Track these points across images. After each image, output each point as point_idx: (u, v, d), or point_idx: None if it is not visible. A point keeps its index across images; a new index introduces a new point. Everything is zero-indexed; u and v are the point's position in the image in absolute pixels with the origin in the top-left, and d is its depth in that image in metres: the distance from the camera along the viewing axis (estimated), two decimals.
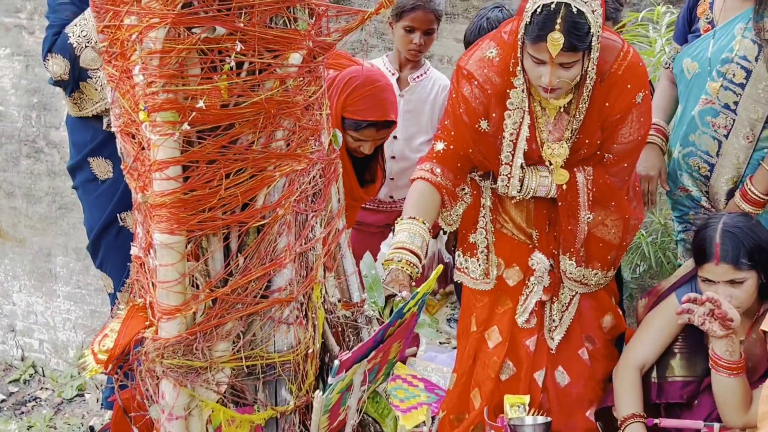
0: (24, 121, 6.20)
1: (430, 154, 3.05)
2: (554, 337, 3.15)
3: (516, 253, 3.13)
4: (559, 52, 2.65)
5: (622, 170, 3.00)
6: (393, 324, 2.18)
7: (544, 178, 2.96)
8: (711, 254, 2.91)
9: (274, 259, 2.06)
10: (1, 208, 6.50)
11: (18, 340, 6.73)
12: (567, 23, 2.63)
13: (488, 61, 2.91)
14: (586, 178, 2.95)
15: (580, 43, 2.67)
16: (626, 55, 2.88)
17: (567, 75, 2.74)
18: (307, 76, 2.10)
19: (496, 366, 3.15)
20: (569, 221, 3.00)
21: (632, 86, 2.88)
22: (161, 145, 1.94)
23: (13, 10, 6.09)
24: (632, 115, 2.90)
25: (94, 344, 2.16)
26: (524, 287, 3.12)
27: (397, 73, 4.04)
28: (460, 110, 2.94)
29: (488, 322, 3.18)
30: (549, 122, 2.93)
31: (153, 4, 1.88)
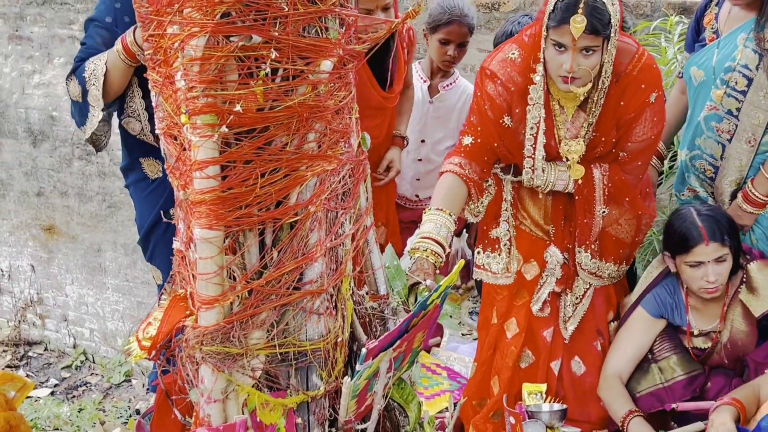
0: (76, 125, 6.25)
1: (458, 149, 3.05)
2: (568, 328, 3.13)
3: (533, 249, 3.13)
4: (581, 35, 2.66)
5: (637, 168, 2.99)
6: (417, 315, 2.18)
7: (562, 172, 2.96)
8: (699, 237, 2.92)
9: (306, 253, 2.06)
10: (55, 206, 6.57)
11: (70, 329, 6.80)
12: (589, 7, 2.66)
13: (511, 62, 2.93)
14: (602, 174, 2.95)
15: (601, 26, 2.68)
16: (641, 57, 2.87)
17: (587, 62, 2.73)
18: (338, 82, 2.10)
19: (513, 355, 3.14)
20: (585, 215, 3.00)
21: (646, 86, 2.87)
22: (201, 146, 1.94)
23: (67, 23, 6.15)
24: (646, 114, 2.89)
25: (139, 332, 2.17)
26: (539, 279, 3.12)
27: (429, 81, 4.03)
28: (486, 107, 2.94)
29: (507, 314, 3.17)
30: (567, 120, 2.92)
31: (194, 14, 1.88)
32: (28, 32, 6.32)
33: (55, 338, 6.87)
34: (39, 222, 6.69)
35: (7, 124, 6.58)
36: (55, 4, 6.13)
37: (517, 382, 3.13)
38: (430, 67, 4.03)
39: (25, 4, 6.25)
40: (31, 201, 6.66)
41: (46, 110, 6.39)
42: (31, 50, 6.36)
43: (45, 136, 6.44)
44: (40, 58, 6.34)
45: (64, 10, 6.13)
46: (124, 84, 3.10)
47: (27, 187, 6.65)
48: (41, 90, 6.38)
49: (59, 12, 6.15)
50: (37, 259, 6.79)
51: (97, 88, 3.04)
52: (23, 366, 6.67)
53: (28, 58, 6.38)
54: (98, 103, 3.08)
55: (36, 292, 6.86)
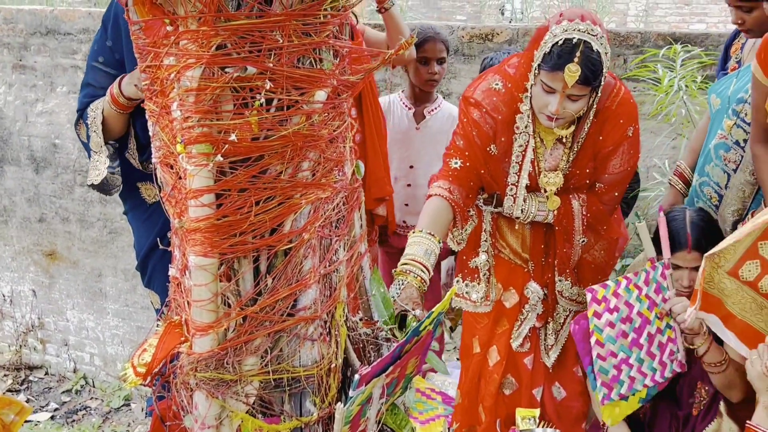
0: (78, 152, 6.26)
1: (445, 172, 2.99)
2: (551, 356, 3.12)
3: (512, 277, 3.12)
4: (573, 84, 2.64)
5: (613, 198, 3.00)
6: (410, 341, 2.17)
7: (542, 203, 2.95)
8: (684, 243, 2.90)
9: (300, 280, 2.05)
10: (56, 232, 6.56)
11: (71, 354, 6.77)
12: (585, 58, 2.63)
13: (495, 92, 2.91)
14: (581, 204, 2.95)
15: (594, 78, 2.67)
16: (618, 92, 2.88)
17: (572, 107, 2.73)
18: (332, 112, 2.11)
19: (495, 383, 3.14)
20: (565, 245, 3.00)
21: (624, 121, 2.87)
22: (196, 175, 1.94)
23: (70, 52, 6.18)
24: (623, 148, 2.89)
25: (134, 358, 2.16)
26: (519, 313, 3.10)
27: (413, 108, 4.04)
28: (473, 133, 2.92)
29: (488, 343, 3.17)
30: (546, 152, 2.92)
31: (190, 46, 1.89)
32: (32, 62, 6.35)
33: (55, 363, 6.84)
34: (41, 247, 6.68)
35: (10, 152, 6.59)
36: (59, 34, 6.16)
37: (502, 409, 3.13)
38: (413, 94, 4.06)
39: (29, 34, 6.28)
40: (33, 227, 6.66)
41: (48, 138, 6.40)
42: (34, 79, 6.39)
43: (47, 163, 6.45)
44: (43, 87, 6.36)
45: (67, 41, 6.16)
46: (124, 128, 3.10)
47: (29, 213, 6.65)
48: (44, 118, 6.40)
49: (62, 42, 6.18)
50: (39, 284, 6.77)
51: (98, 135, 3.05)
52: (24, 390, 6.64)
53: (31, 87, 6.41)
54: (100, 149, 3.07)
55: (37, 317, 6.84)
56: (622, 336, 2.77)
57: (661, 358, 2.85)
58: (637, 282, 2.81)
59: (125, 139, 3.16)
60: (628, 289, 2.79)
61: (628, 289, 2.79)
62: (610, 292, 2.76)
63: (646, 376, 2.83)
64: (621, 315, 2.77)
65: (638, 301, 2.80)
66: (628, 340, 2.79)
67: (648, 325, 2.82)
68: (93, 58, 3.12)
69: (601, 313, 2.74)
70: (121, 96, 2.94)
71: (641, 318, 2.80)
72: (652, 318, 2.82)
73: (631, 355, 2.80)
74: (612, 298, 2.76)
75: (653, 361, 2.83)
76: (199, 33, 1.88)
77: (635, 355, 2.81)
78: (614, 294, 2.77)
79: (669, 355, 2.85)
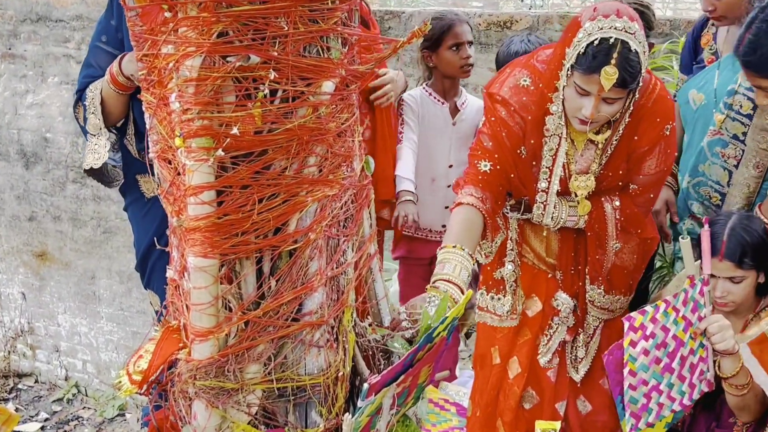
0: (71, 147, 6.28)
1: (474, 176, 2.92)
2: (580, 369, 3.09)
3: (535, 283, 3.09)
4: (610, 87, 2.59)
5: (648, 200, 2.96)
6: (422, 348, 2.16)
7: (572, 208, 2.92)
8: (716, 250, 2.88)
9: (306, 282, 2.05)
10: (47, 231, 6.59)
11: (62, 361, 6.80)
12: (623, 59, 2.57)
13: (523, 89, 2.86)
14: (614, 208, 2.91)
15: (631, 80, 2.61)
16: (654, 88, 2.83)
17: (608, 110, 2.68)
18: (340, 104, 2.10)
19: (516, 396, 3.11)
20: (597, 251, 2.96)
21: (661, 119, 2.83)
22: (196, 171, 1.95)
23: (62, 40, 6.20)
24: (659, 148, 2.85)
25: (130, 365, 2.17)
26: (547, 327, 3.07)
27: (446, 102, 4.01)
28: (503, 134, 2.86)
29: (509, 354, 3.13)
30: (577, 154, 2.89)
31: (189, 33, 1.89)
32: (22, 50, 6.38)
33: (46, 370, 6.87)
34: (31, 248, 6.71)
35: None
36: (50, 21, 6.19)
37: (522, 424, 3.10)
38: (442, 87, 4.02)
39: (19, 21, 6.31)
40: (22, 226, 6.69)
41: (39, 131, 6.43)
42: (24, 69, 6.41)
43: (38, 158, 6.48)
44: (34, 77, 6.39)
45: (59, 28, 6.18)
46: (124, 111, 3.12)
47: (18, 212, 6.68)
48: (34, 110, 6.42)
49: (54, 29, 6.20)
50: (29, 287, 6.80)
51: (97, 117, 3.06)
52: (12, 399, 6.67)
53: (21, 77, 6.43)
54: (99, 132, 3.09)
55: (27, 322, 6.87)
56: (654, 363, 2.76)
57: (690, 380, 2.84)
58: (675, 304, 2.80)
59: (124, 124, 3.17)
60: (666, 312, 2.77)
61: (666, 312, 2.77)
62: (648, 318, 2.75)
63: (674, 400, 2.82)
64: (656, 341, 2.76)
65: (674, 324, 2.79)
66: (661, 366, 2.78)
67: (681, 348, 2.81)
68: (96, 37, 3.15)
69: (637, 342, 2.73)
70: (120, 75, 2.96)
71: (676, 341, 2.79)
72: (686, 339, 2.81)
73: (661, 381, 2.79)
74: (649, 324, 2.74)
75: (683, 384, 2.83)
76: (199, 19, 1.88)
77: (666, 381, 2.80)
78: (652, 320, 2.75)
79: (699, 375, 2.84)
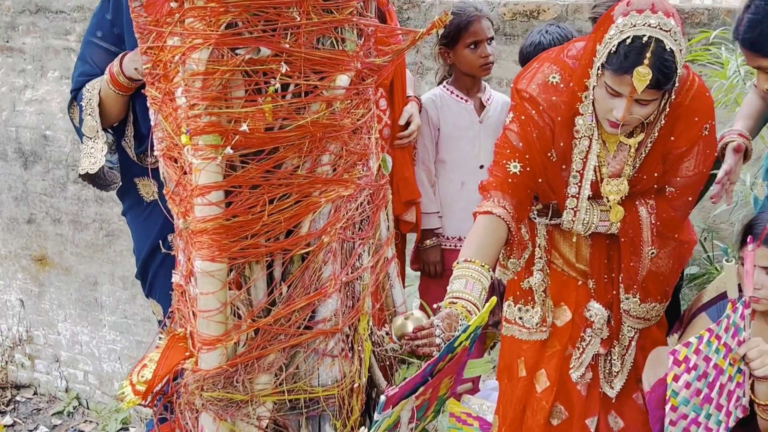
0: (72, 145, 6.31)
1: (503, 180, 2.88)
2: (615, 385, 3.06)
3: (564, 291, 3.07)
4: (643, 89, 2.56)
5: (686, 204, 2.92)
6: (443, 359, 2.17)
7: (604, 212, 2.89)
8: (756, 235, 2.84)
9: (319, 288, 2.06)
10: (47, 234, 6.62)
11: (62, 371, 6.83)
12: (657, 59, 2.54)
13: (552, 87, 2.84)
14: (649, 212, 2.87)
15: (666, 81, 2.58)
16: (692, 84, 2.79)
17: (641, 112, 2.66)
18: (355, 99, 2.11)
19: (544, 411, 3.09)
20: (631, 258, 2.92)
21: (699, 118, 2.79)
22: (203, 170, 1.96)
23: (63, 33, 6.23)
24: (698, 148, 2.81)
25: (133, 375, 2.18)
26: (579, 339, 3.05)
27: (469, 99, 4.01)
28: (533, 135, 2.84)
29: (536, 366, 3.12)
30: (609, 156, 2.87)
31: (196, 24, 1.91)
32: (20, 43, 6.42)
33: (45, 381, 6.90)
34: (29, 252, 6.74)
35: None
36: (50, 12, 6.22)
37: None
38: (464, 84, 4.02)
39: (17, 13, 6.35)
40: (21, 229, 6.73)
41: (38, 129, 6.47)
42: (23, 63, 6.45)
43: (37, 157, 6.52)
44: (33, 71, 6.42)
45: (59, 19, 6.22)
46: (123, 112, 3.13)
47: (17, 214, 6.72)
48: (33, 107, 6.46)
49: (54, 21, 6.24)
50: (27, 293, 6.84)
51: (94, 119, 3.07)
52: (10, 412, 6.71)
53: (19, 72, 6.47)
54: (96, 134, 3.10)
55: (25, 330, 6.90)
56: (695, 395, 2.76)
57: (727, 408, 2.84)
58: (718, 332, 2.78)
59: (122, 125, 3.18)
60: (709, 342, 2.76)
61: (709, 342, 2.76)
62: (692, 350, 2.74)
63: (711, 431, 2.82)
64: (698, 372, 2.75)
65: (716, 352, 2.78)
66: (701, 398, 2.78)
67: (721, 376, 2.80)
68: (91, 32, 3.16)
69: (680, 375, 2.73)
70: (121, 75, 2.97)
71: (716, 370, 2.79)
72: (726, 366, 2.81)
73: (700, 413, 2.79)
74: (693, 356, 2.74)
75: (720, 413, 2.83)
76: (206, 10, 1.89)
77: (704, 412, 2.80)
78: (695, 351, 2.75)
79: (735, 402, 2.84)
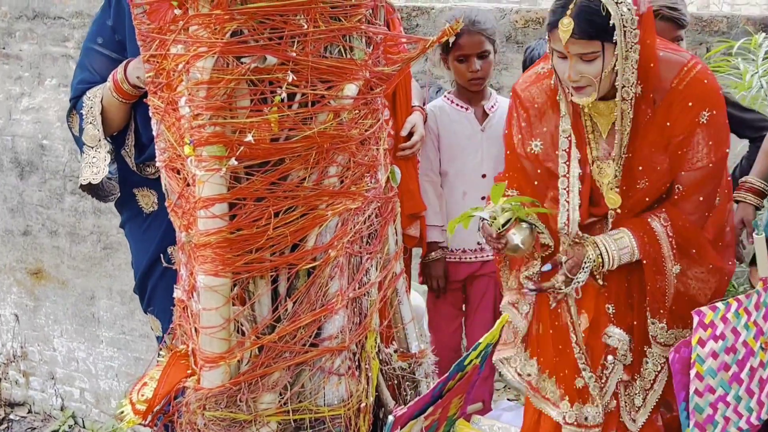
0: (69, 155, 6.32)
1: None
2: (637, 419, 3.02)
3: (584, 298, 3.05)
4: (569, 39, 2.68)
5: (698, 206, 2.88)
6: (453, 377, 2.17)
7: (621, 239, 2.87)
8: None
9: (326, 304, 2.06)
10: (43, 247, 6.63)
11: (58, 389, 6.82)
12: (579, 8, 2.67)
13: (540, 76, 2.98)
14: (663, 225, 2.86)
15: (592, 29, 2.68)
16: (690, 70, 2.81)
17: (587, 69, 2.73)
18: (364, 109, 2.12)
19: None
20: (655, 278, 2.88)
21: (694, 104, 2.80)
22: (207, 181, 1.96)
23: (61, 39, 6.25)
24: (698, 137, 2.82)
25: (133, 393, 2.18)
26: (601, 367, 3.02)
27: (471, 108, 4.02)
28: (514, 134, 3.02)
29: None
30: (601, 138, 2.90)
31: (200, 32, 1.91)
32: (17, 50, 6.44)
33: (40, 399, 6.90)
34: (25, 265, 6.75)
35: None
36: (48, 18, 6.24)
37: None
38: (465, 93, 4.04)
39: (14, 19, 6.37)
40: (16, 241, 6.74)
41: (35, 138, 6.48)
42: (19, 70, 6.47)
43: (33, 167, 6.53)
44: (30, 79, 6.45)
45: (57, 26, 6.24)
46: (125, 121, 3.13)
47: (12, 225, 6.73)
48: (30, 115, 6.48)
49: (52, 27, 6.26)
50: (22, 308, 6.85)
51: (96, 127, 3.08)
52: (4, 431, 6.70)
53: (16, 79, 6.49)
54: (98, 143, 3.10)
55: (20, 346, 6.91)
56: (723, 369, 2.74)
57: (759, 397, 2.82)
58: (747, 305, 2.78)
59: (122, 134, 3.19)
60: (738, 313, 2.76)
61: (738, 313, 2.76)
62: (719, 316, 2.73)
63: (741, 417, 2.80)
64: (726, 344, 2.74)
65: (746, 328, 2.77)
66: (729, 374, 2.76)
67: (751, 357, 2.79)
68: (91, 39, 3.16)
69: (706, 341, 2.71)
70: (125, 82, 2.98)
71: (746, 348, 2.78)
72: (757, 348, 2.80)
73: (729, 391, 2.77)
74: (720, 323, 2.73)
75: (751, 399, 2.81)
76: (211, 17, 1.90)
77: (734, 392, 2.78)
78: (722, 319, 2.73)
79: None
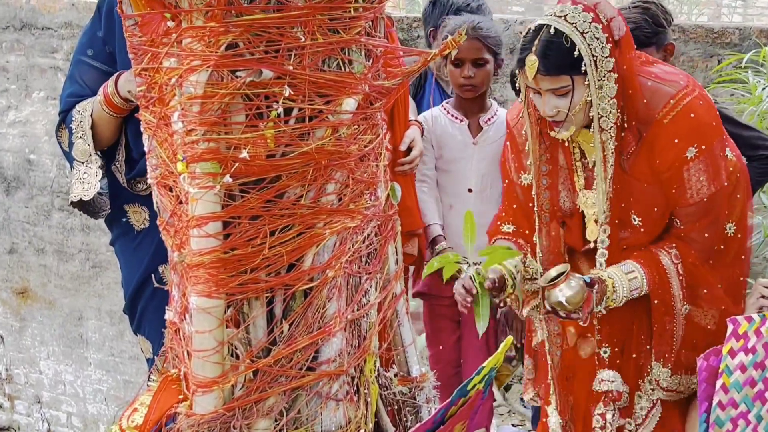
0: (57, 170, 6.33)
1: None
2: None
3: None
4: (536, 76, 2.69)
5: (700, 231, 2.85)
6: (455, 403, 2.17)
7: (630, 272, 2.84)
8: None
9: (323, 326, 2.06)
10: (30, 265, 6.62)
11: (44, 413, 6.81)
12: (542, 44, 2.67)
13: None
14: (673, 262, 2.80)
15: (558, 64, 2.68)
16: (678, 103, 2.73)
17: (560, 104, 2.73)
18: (363, 124, 2.12)
19: None
20: (664, 318, 2.83)
21: (680, 140, 2.71)
22: (200, 199, 1.96)
23: (49, 51, 6.26)
24: (688, 174, 2.76)
25: (123, 419, 2.18)
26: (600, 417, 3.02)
27: (465, 119, 4.03)
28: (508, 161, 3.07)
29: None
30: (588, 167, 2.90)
31: (194, 45, 1.92)
32: (3, 61, 6.46)
33: (25, 423, 6.89)
34: (10, 284, 6.75)
35: None
36: (36, 29, 6.26)
37: None
38: (462, 103, 4.04)
39: (1, 29, 6.40)
40: (1, 259, 6.74)
41: (21, 153, 6.49)
42: (6, 82, 6.49)
43: (20, 182, 6.54)
44: (17, 91, 6.46)
45: (45, 36, 6.26)
46: (116, 135, 3.15)
47: None
48: (17, 129, 6.49)
49: (40, 38, 6.28)
50: (7, 329, 6.84)
51: (86, 142, 3.09)
52: None
53: (2, 92, 6.51)
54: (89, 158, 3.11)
55: (5, 368, 6.90)
56: (749, 384, 2.73)
57: None
58: None
59: (112, 149, 3.20)
60: None
61: None
62: (753, 328, 2.72)
63: None
64: (756, 358, 2.73)
65: None
66: (754, 391, 2.76)
67: None
68: (81, 50, 3.17)
69: (737, 352, 2.71)
70: (116, 96, 2.99)
71: None
72: None
73: (752, 409, 2.76)
74: (753, 335, 2.72)
75: None
76: (205, 30, 1.91)
77: (756, 411, 2.77)
78: (756, 332, 2.73)
79: None
